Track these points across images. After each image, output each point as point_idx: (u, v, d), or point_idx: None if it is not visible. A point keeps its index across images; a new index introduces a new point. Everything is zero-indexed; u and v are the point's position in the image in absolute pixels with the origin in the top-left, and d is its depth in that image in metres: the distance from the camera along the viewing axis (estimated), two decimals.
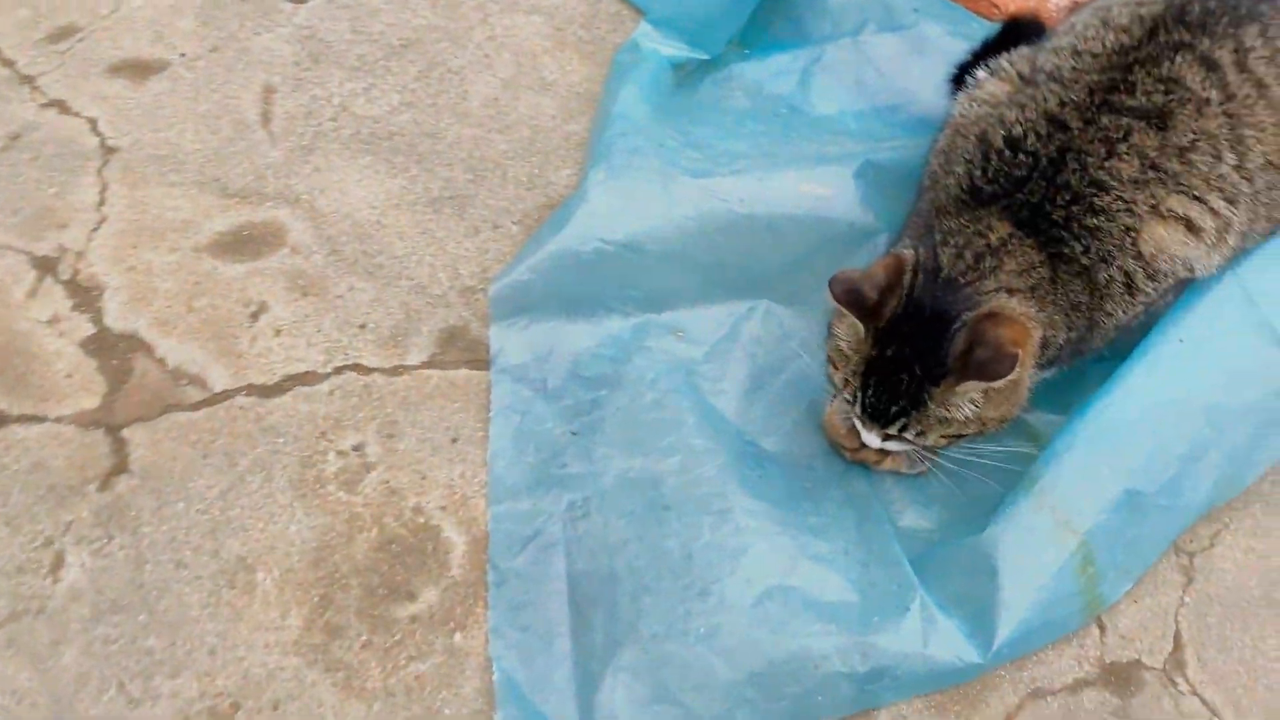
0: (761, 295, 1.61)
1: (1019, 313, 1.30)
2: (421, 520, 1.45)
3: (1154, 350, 1.40)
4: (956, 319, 1.28)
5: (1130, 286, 1.35)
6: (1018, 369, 1.23)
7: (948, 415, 1.29)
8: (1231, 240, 1.37)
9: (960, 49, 1.72)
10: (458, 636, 1.37)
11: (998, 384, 1.24)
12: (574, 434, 1.51)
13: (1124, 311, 1.37)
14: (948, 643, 1.33)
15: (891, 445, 1.38)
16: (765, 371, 1.58)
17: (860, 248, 1.59)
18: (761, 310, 1.61)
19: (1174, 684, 1.40)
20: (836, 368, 1.37)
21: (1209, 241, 1.35)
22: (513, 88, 1.85)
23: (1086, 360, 1.51)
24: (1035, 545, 1.34)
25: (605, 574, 1.40)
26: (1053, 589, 1.34)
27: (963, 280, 1.30)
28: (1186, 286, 1.43)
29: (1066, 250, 1.33)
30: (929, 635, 1.33)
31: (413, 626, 1.37)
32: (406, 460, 1.49)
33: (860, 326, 1.30)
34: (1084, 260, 1.34)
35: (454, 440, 1.51)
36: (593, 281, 1.57)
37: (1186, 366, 1.39)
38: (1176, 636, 1.43)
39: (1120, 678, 1.40)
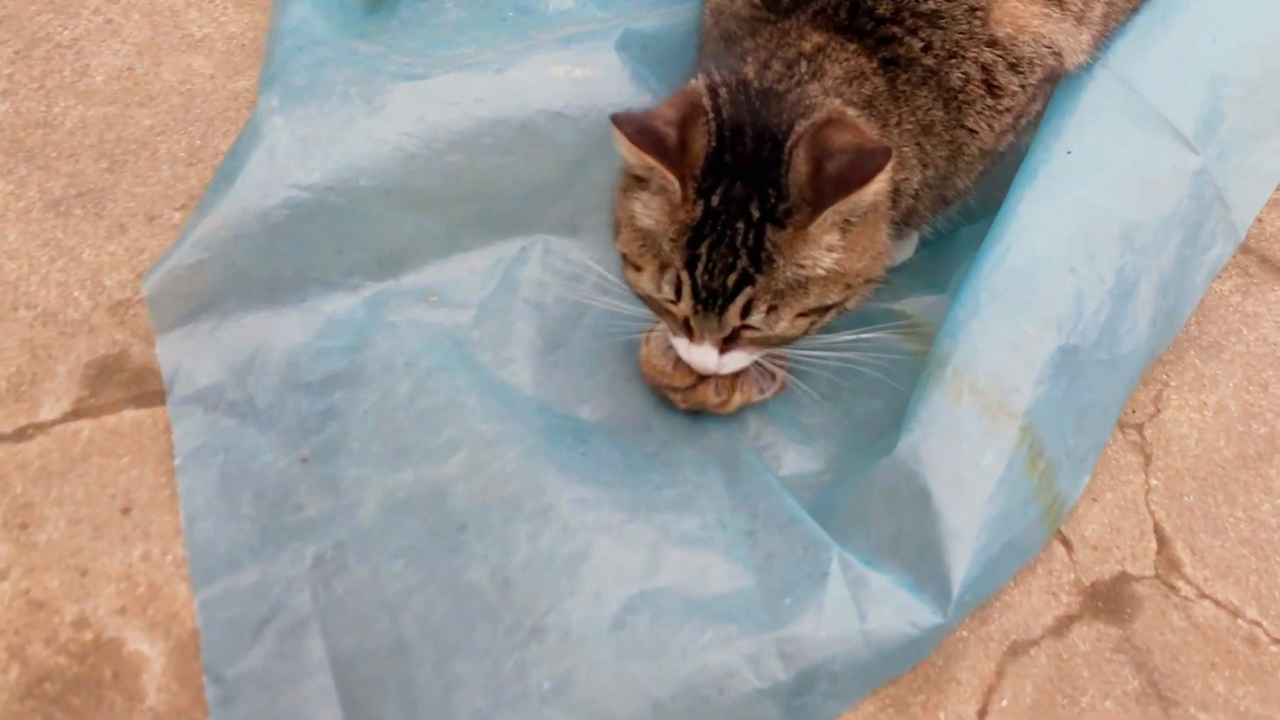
0: (533, 229, 1.20)
1: (862, 126, 0.95)
2: (89, 636, 0.94)
3: (1043, 170, 1.08)
4: (789, 134, 0.91)
5: (991, 85, 1.03)
6: (888, 171, 0.87)
7: (803, 273, 0.92)
8: (1098, 9, 1.08)
9: None
10: None
11: (867, 195, 0.88)
12: (305, 461, 1.05)
13: (989, 124, 1.05)
14: (892, 607, 0.93)
15: (734, 360, 0.99)
16: (560, 325, 1.17)
17: None
18: (538, 248, 1.20)
19: (1174, 590, 1.06)
20: (640, 266, 0.97)
21: (1074, 10, 1.05)
22: (151, 52, 1.39)
23: (953, 217, 1.18)
24: (968, 445, 0.97)
25: (388, 645, 0.94)
26: (1005, 498, 0.97)
27: (781, 88, 0.94)
28: (1054, 87, 1.12)
29: (903, 51, 1.00)
30: (864, 604, 0.93)
31: None
32: (55, 555, 0.98)
33: (671, 185, 0.91)
34: (927, 60, 1.00)
35: (126, 511, 1.02)
36: (294, 248, 1.12)
37: (1085, 183, 1.08)
38: (1157, 530, 1.10)
39: (1109, 600, 1.05)
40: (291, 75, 1.15)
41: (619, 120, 0.89)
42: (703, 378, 1.06)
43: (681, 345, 1.00)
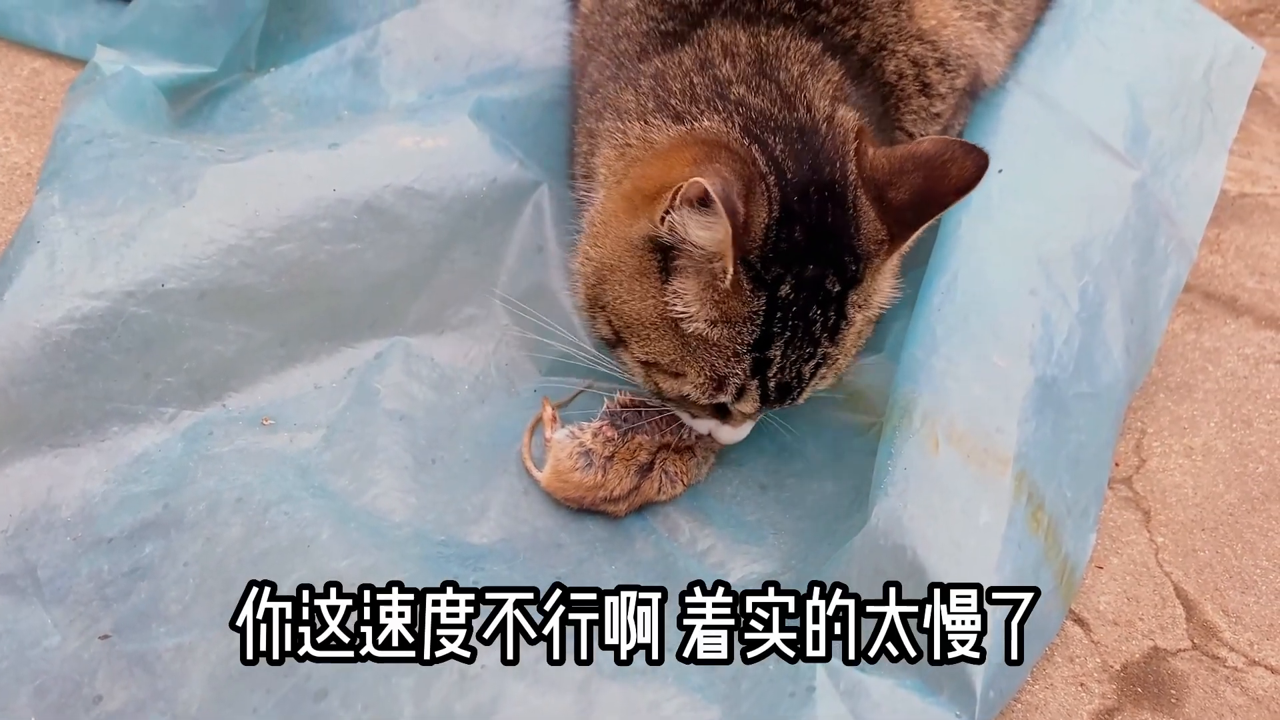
0: (388, 329, 1.00)
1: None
2: None
3: (976, 191, 0.94)
4: (845, 180, 0.77)
5: (924, 83, 0.91)
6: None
7: (869, 314, 0.81)
8: (1005, 15, 0.98)
9: None
10: None
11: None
12: (106, 639, 0.79)
13: (924, 130, 0.93)
14: (902, 719, 0.71)
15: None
16: (434, 438, 0.95)
17: (518, 213, 1.02)
18: (398, 353, 0.99)
19: (1219, 661, 0.87)
20: (681, 373, 0.79)
21: (985, 9, 0.94)
22: None
23: None
24: (958, 502, 0.78)
25: None
26: (1014, 563, 0.78)
27: (808, 119, 0.79)
28: (974, 104, 1.00)
29: (838, 39, 0.87)
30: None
31: None
32: None
33: (722, 271, 0.73)
34: (861, 50, 0.88)
35: None
36: (86, 374, 0.88)
37: (1025, 200, 0.94)
38: (1179, 594, 0.91)
39: (1148, 683, 0.85)
40: (77, 169, 0.94)
41: (710, 175, 0.69)
42: (644, 476, 0.87)
43: (702, 425, 0.86)
